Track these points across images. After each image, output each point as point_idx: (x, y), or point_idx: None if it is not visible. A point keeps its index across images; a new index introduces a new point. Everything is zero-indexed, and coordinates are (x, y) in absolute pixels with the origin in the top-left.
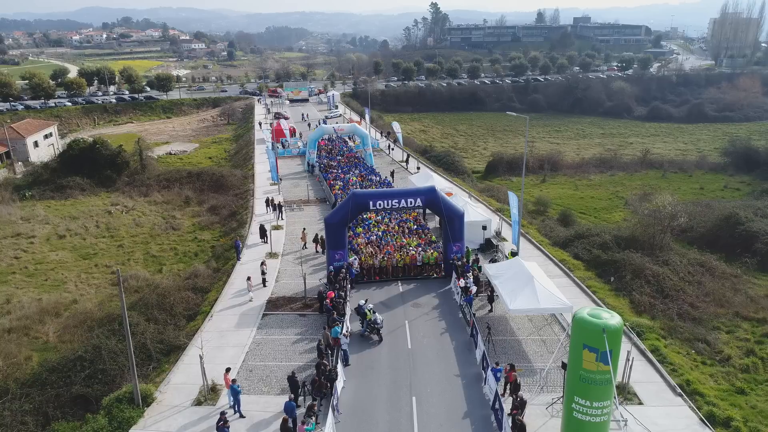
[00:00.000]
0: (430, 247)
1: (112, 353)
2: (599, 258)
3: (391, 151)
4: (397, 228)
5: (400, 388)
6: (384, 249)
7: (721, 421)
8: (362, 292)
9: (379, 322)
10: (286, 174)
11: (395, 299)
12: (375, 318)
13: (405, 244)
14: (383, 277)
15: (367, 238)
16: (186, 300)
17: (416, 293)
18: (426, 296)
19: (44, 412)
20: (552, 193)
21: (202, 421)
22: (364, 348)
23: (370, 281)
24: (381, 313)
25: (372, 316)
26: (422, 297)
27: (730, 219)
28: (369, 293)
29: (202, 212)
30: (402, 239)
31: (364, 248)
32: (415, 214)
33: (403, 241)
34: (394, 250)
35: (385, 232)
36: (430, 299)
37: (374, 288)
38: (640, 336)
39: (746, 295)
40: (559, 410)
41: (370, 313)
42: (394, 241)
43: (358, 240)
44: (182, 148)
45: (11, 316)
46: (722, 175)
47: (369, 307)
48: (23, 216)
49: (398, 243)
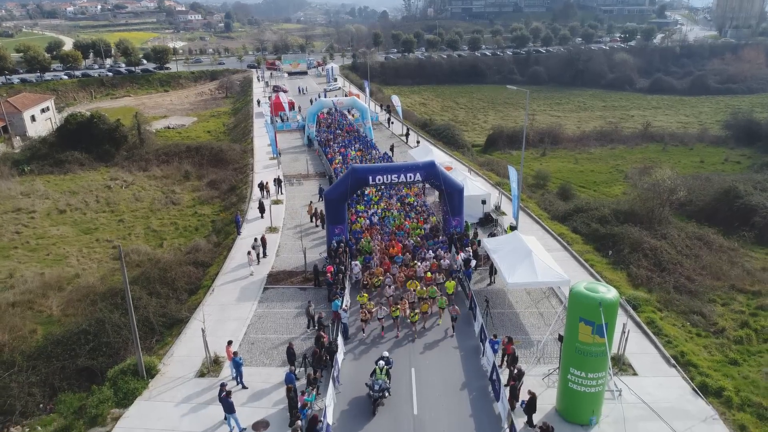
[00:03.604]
0: (441, 273)
1: (116, 327)
2: (598, 232)
3: (390, 125)
4: (399, 205)
5: (400, 359)
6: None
7: (713, 391)
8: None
9: (378, 388)
10: (286, 148)
11: None
12: (378, 383)
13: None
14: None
15: (368, 218)
16: (187, 274)
17: None
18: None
19: (50, 384)
20: (552, 167)
21: (205, 392)
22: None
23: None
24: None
25: (380, 376)
26: None
27: (729, 193)
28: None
29: (201, 187)
30: (404, 221)
31: (368, 278)
32: (416, 189)
33: (409, 243)
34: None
35: (385, 210)
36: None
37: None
38: (636, 309)
39: (743, 268)
40: (555, 381)
41: (380, 372)
42: (400, 233)
43: (359, 225)
44: (180, 122)
45: (15, 291)
46: (723, 149)
47: (381, 364)
48: (23, 191)
49: (409, 272)
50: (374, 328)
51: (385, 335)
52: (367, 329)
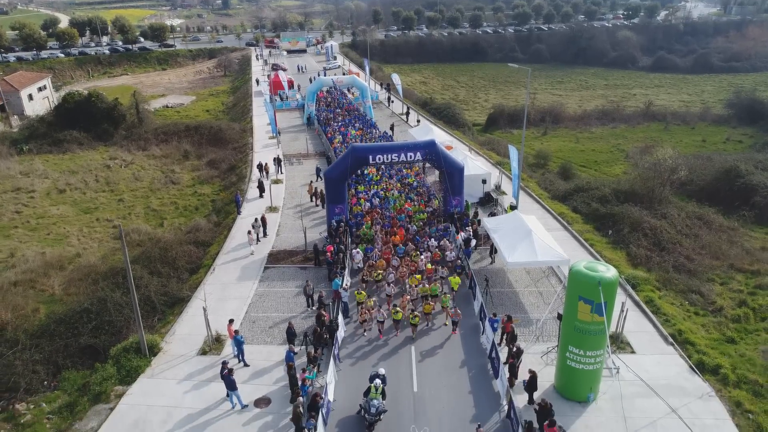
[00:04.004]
0: (443, 270)
1: (118, 305)
2: (598, 211)
3: (390, 104)
4: (399, 185)
5: (399, 337)
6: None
7: (710, 369)
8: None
9: (375, 411)
10: (285, 127)
11: None
12: (374, 405)
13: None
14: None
15: (369, 199)
16: (188, 254)
17: None
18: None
19: (54, 362)
20: (553, 146)
21: (208, 370)
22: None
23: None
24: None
25: (375, 395)
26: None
27: (730, 172)
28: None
29: (201, 166)
30: (405, 203)
31: (369, 272)
32: (417, 169)
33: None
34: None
35: (385, 189)
36: None
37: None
38: (635, 288)
39: (742, 247)
40: (553, 359)
41: (375, 391)
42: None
43: (360, 207)
44: (179, 101)
45: (16, 270)
46: (725, 128)
47: (378, 383)
48: (22, 170)
49: (413, 264)
50: (372, 335)
51: (384, 338)
52: (365, 332)
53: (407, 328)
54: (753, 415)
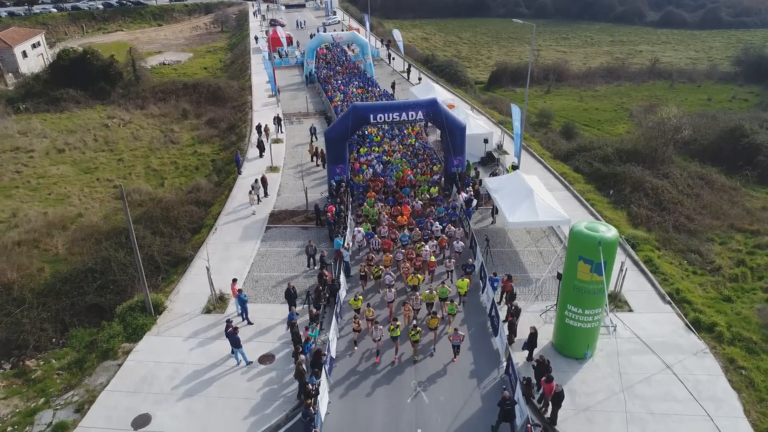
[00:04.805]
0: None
1: (122, 265)
2: (600, 171)
3: (391, 61)
4: (401, 148)
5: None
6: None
7: (705, 327)
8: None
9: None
10: (285, 85)
11: None
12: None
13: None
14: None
15: (371, 164)
16: (190, 213)
17: None
18: None
19: (61, 320)
20: (556, 105)
21: (212, 328)
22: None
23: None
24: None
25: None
26: None
27: (734, 131)
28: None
29: (200, 125)
30: (408, 168)
31: (366, 267)
32: (418, 129)
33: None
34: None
35: (386, 152)
36: None
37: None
38: (634, 248)
39: (743, 207)
40: (552, 317)
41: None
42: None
43: (361, 177)
44: (176, 58)
45: (19, 230)
46: (732, 86)
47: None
48: (20, 130)
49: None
50: (368, 349)
51: (381, 361)
52: (359, 346)
53: (407, 340)
54: (745, 371)
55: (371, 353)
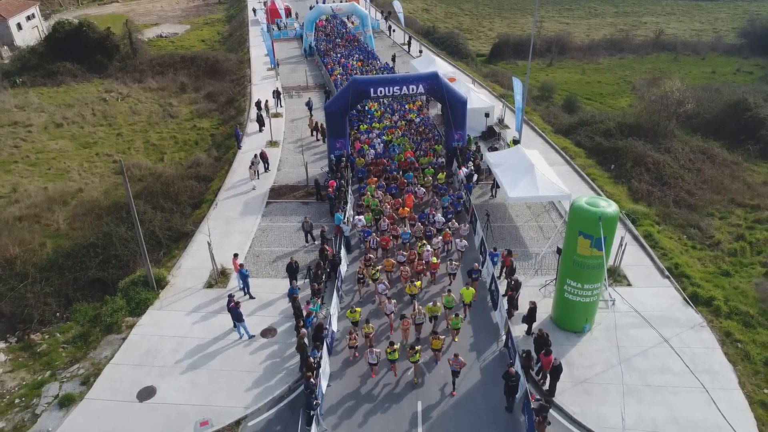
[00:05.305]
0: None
1: (123, 240)
2: (601, 146)
3: (391, 33)
4: (403, 125)
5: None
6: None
7: (703, 301)
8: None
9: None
10: (284, 58)
11: None
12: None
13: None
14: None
15: (372, 144)
16: (190, 189)
17: None
18: None
19: (65, 294)
20: (558, 78)
21: (214, 302)
22: None
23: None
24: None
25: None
26: None
27: (738, 105)
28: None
29: (198, 99)
30: (410, 149)
31: (364, 269)
32: (419, 103)
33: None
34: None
35: (387, 128)
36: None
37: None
38: (634, 223)
39: (744, 182)
40: (551, 291)
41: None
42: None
43: (362, 161)
44: (173, 30)
45: (20, 205)
46: (736, 58)
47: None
48: (17, 104)
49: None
50: (361, 374)
51: (376, 377)
52: (353, 369)
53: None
54: (741, 344)
55: (366, 373)
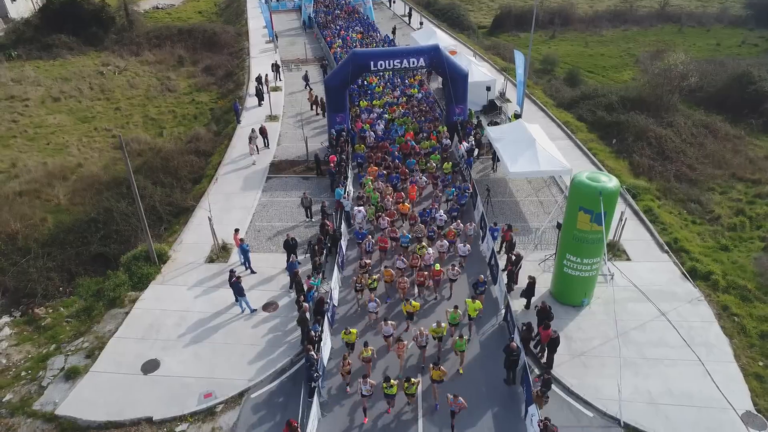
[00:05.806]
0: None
1: (124, 215)
2: (603, 120)
3: (392, 4)
4: (405, 101)
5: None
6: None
7: (701, 275)
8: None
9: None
10: (282, 30)
11: None
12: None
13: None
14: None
15: (373, 124)
16: (190, 163)
17: None
18: None
19: (67, 269)
20: (560, 51)
21: (216, 277)
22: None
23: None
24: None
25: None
26: None
27: (742, 78)
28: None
29: (197, 73)
30: (411, 131)
31: (361, 277)
32: (420, 77)
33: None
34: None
35: (389, 105)
36: None
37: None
38: (635, 197)
39: (746, 156)
40: (550, 266)
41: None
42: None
43: (362, 147)
44: (170, 2)
45: (20, 180)
46: (742, 30)
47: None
48: (13, 78)
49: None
50: (356, 401)
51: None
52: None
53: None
54: (738, 317)
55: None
